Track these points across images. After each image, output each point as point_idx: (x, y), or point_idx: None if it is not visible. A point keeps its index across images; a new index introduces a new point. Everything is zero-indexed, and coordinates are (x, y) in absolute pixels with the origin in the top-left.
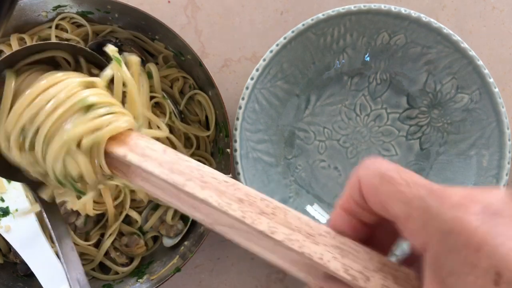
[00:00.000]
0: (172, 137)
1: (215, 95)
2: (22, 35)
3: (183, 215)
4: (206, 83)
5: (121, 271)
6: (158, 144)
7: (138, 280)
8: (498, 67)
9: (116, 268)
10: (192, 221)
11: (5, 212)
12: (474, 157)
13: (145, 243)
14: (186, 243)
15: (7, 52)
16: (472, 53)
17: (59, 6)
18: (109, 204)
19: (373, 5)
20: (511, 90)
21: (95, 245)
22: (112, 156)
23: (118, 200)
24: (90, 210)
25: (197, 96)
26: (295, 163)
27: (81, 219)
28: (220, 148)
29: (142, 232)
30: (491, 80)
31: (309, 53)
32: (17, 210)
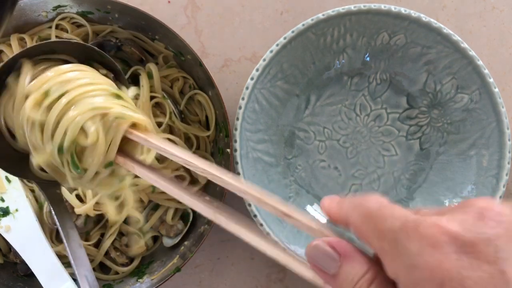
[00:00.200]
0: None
1: (215, 95)
2: (22, 35)
3: (183, 215)
4: (206, 83)
5: (121, 271)
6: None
7: (138, 280)
8: (498, 67)
9: (116, 268)
10: (192, 221)
11: (5, 212)
12: (474, 157)
13: (145, 243)
14: (186, 243)
15: (7, 52)
16: (472, 53)
17: (59, 6)
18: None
19: (373, 5)
20: (511, 90)
21: (95, 245)
22: (130, 138)
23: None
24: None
25: (197, 96)
26: (295, 163)
27: (81, 219)
28: (220, 148)
29: (142, 232)
30: (491, 80)
31: (309, 53)
32: (17, 210)
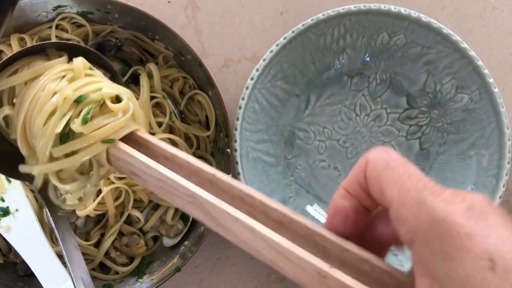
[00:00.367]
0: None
1: (215, 95)
2: (22, 35)
3: (183, 215)
4: (206, 83)
5: (121, 271)
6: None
7: (138, 280)
8: (498, 67)
9: (116, 268)
10: (192, 221)
11: (5, 212)
12: (474, 157)
13: (145, 243)
14: (186, 243)
15: (7, 52)
16: (472, 53)
17: (59, 6)
18: (109, 204)
19: (373, 5)
20: (511, 90)
21: (95, 245)
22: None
23: (119, 200)
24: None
25: (197, 96)
26: (295, 163)
27: (81, 219)
28: (220, 148)
29: (142, 232)
30: (491, 80)
31: (309, 53)
32: (17, 210)
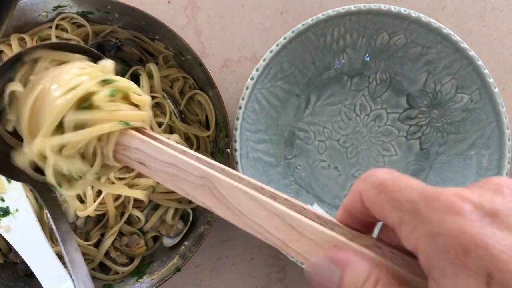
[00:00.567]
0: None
1: (215, 95)
2: (22, 35)
3: (183, 215)
4: (206, 83)
5: (121, 271)
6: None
7: (138, 280)
8: (498, 67)
9: (116, 268)
10: (192, 221)
11: (5, 212)
12: (474, 157)
13: (145, 243)
14: (186, 243)
15: (7, 52)
16: (472, 53)
17: (59, 6)
18: (110, 204)
19: (373, 5)
20: (511, 90)
21: (95, 245)
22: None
23: (119, 200)
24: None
25: (197, 96)
26: (295, 163)
27: (81, 219)
28: (220, 148)
29: (142, 232)
30: (491, 80)
31: (309, 53)
32: (17, 210)
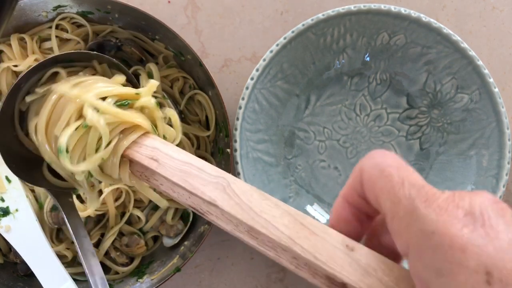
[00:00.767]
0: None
1: (215, 95)
2: (22, 35)
3: (183, 215)
4: (206, 83)
5: (121, 271)
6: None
7: (138, 280)
8: (498, 67)
9: (116, 268)
10: (192, 221)
11: (5, 212)
12: (474, 157)
13: (145, 243)
14: (186, 243)
15: (7, 52)
16: (472, 53)
17: (59, 6)
18: (110, 204)
19: (373, 5)
20: (511, 90)
21: (95, 245)
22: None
23: (119, 200)
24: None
25: (197, 96)
26: (295, 163)
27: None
28: (220, 148)
29: (142, 232)
30: (491, 80)
31: (309, 53)
32: (17, 210)
